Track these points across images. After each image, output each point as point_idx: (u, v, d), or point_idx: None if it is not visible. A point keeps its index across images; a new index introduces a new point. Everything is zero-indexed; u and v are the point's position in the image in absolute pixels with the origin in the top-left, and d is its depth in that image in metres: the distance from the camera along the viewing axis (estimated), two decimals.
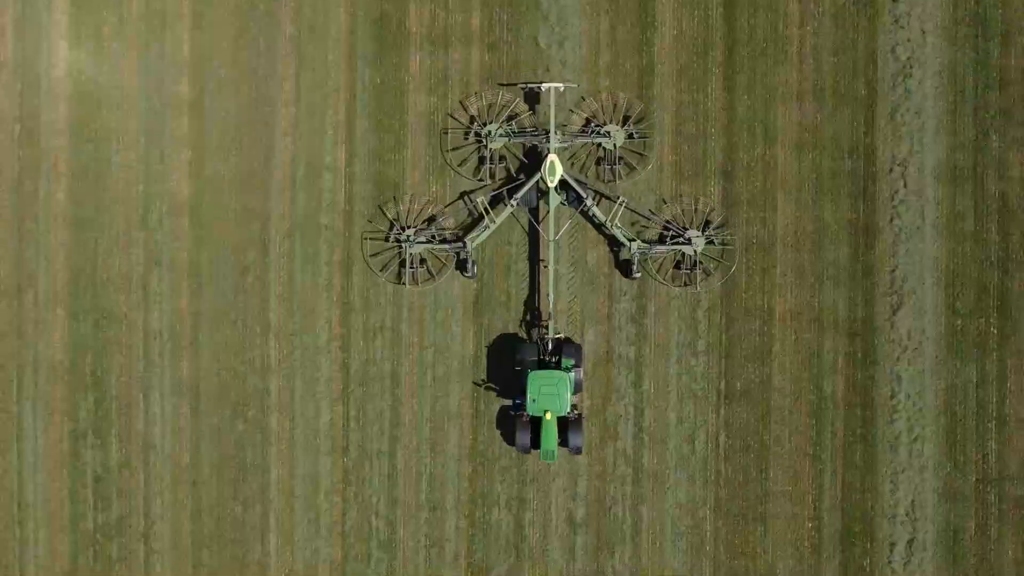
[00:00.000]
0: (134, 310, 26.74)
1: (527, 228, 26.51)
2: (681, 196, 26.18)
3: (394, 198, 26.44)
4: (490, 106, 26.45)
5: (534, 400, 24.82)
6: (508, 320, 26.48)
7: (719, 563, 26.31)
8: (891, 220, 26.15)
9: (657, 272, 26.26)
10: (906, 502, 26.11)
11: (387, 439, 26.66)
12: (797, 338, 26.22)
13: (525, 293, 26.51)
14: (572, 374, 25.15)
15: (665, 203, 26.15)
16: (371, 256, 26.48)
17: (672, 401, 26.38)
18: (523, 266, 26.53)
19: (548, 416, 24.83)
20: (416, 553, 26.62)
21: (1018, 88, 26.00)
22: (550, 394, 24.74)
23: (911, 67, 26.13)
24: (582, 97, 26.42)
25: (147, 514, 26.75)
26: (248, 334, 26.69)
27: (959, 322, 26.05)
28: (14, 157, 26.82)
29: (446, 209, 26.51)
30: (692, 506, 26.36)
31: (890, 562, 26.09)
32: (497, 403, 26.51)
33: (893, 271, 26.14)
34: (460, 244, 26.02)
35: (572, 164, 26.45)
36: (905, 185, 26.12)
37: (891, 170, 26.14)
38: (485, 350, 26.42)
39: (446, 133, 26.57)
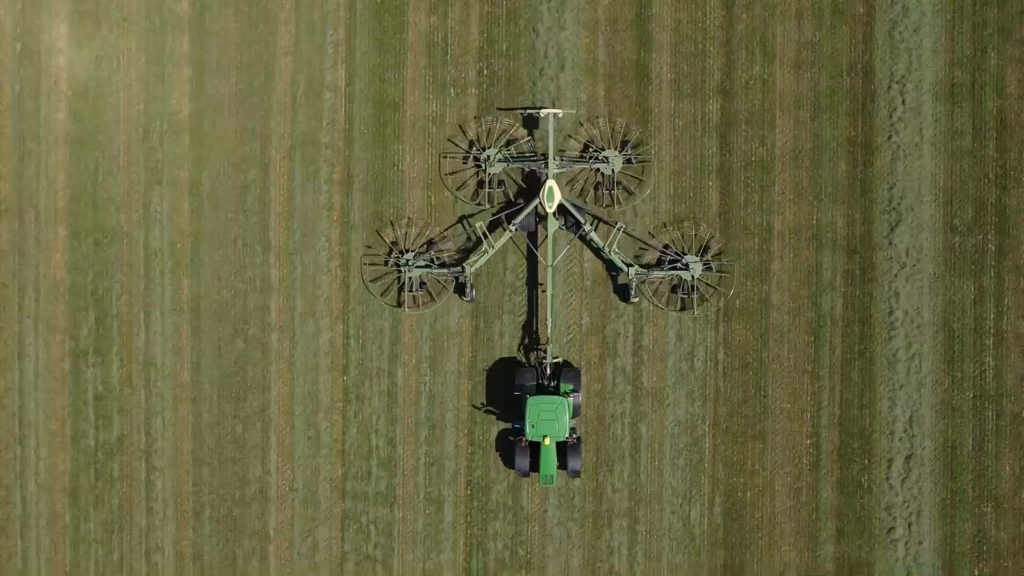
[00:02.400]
0: (135, 229, 26.79)
1: (525, 253, 26.56)
2: (681, 222, 26.24)
3: (391, 223, 26.43)
4: (489, 131, 26.47)
5: (533, 426, 24.94)
6: (505, 344, 26.61)
7: (718, 480, 26.39)
8: (889, 137, 26.20)
9: (654, 295, 26.36)
10: (904, 418, 26.18)
11: (387, 357, 26.71)
12: (796, 255, 26.28)
13: (523, 318, 26.56)
14: (571, 399, 25.24)
15: (665, 226, 26.23)
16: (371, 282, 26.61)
17: (671, 318, 26.44)
18: (521, 290, 26.54)
19: (547, 441, 24.96)
20: (416, 471, 26.68)
21: (1016, 5, 26.04)
22: (549, 419, 24.87)
23: None
24: (579, 123, 26.39)
25: (148, 432, 26.82)
26: (249, 253, 26.74)
27: (957, 239, 26.12)
28: (15, 76, 26.85)
29: (445, 233, 26.55)
30: (691, 423, 26.43)
31: (888, 478, 26.16)
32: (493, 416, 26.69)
33: (891, 188, 26.19)
34: (459, 268, 26.07)
35: (571, 188, 26.42)
36: (903, 102, 26.16)
37: (889, 87, 26.19)
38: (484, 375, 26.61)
39: (445, 157, 26.62)
